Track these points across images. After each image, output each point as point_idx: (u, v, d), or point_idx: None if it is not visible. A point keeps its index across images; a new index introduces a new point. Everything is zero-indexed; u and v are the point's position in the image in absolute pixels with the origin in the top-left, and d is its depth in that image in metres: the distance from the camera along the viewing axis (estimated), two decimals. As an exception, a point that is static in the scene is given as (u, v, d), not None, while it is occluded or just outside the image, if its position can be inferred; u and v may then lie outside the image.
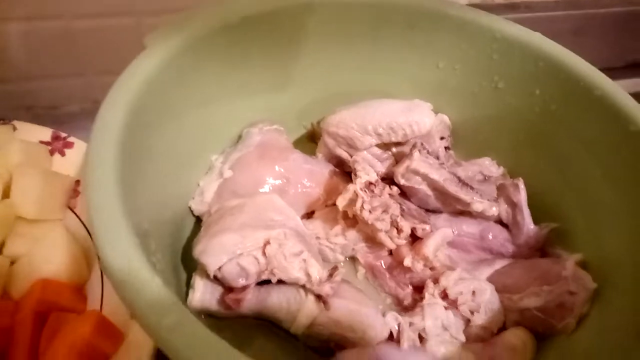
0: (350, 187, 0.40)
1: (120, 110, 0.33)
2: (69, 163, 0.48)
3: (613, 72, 0.43)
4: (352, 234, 0.43)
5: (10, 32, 0.52)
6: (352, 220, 0.42)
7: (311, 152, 0.49)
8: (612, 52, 0.73)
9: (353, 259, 0.45)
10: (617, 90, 0.41)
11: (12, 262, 0.41)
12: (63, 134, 0.49)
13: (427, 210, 0.45)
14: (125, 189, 0.30)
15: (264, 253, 0.37)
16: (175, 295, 0.26)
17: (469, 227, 0.44)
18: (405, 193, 0.45)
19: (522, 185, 0.43)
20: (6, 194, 0.43)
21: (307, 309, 0.37)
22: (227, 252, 0.36)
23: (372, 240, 0.42)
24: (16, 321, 0.37)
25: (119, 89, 0.34)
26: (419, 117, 0.43)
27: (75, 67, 0.57)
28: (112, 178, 0.29)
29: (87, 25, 0.54)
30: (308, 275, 0.37)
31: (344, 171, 0.47)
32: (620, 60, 0.75)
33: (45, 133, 0.48)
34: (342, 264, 0.44)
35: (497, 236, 0.44)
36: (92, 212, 0.28)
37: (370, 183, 0.40)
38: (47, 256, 0.41)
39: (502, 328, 0.39)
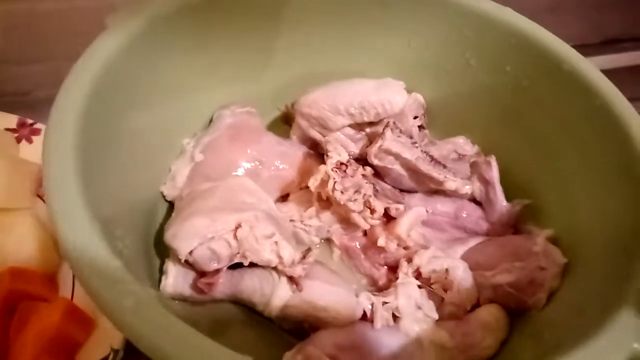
0: (322, 167, 0.40)
1: (79, 94, 0.32)
2: (36, 150, 0.46)
3: (589, 48, 0.43)
4: (327, 215, 0.42)
5: (-28, 16, 0.51)
6: (326, 202, 0.42)
7: (286, 135, 0.48)
8: (588, 29, 0.72)
9: (329, 241, 0.44)
10: (585, 64, 0.40)
11: (-20, 252, 0.40)
12: (30, 121, 0.47)
13: (402, 190, 0.45)
14: (85, 174, 0.29)
15: (235, 236, 0.36)
16: (136, 278, 0.25)
17: (443, 205, 0.44)
18: (379, 173, 0.44)
19: (494, 163, 0.43)
20: (-28, 184, 0.42)
21: (280, 291, 0.37)
22: (197, 236, 0.36)
23: (346, 221, 0.42)
24: (-16, 311, 0.37)
25: (78, 72, 0.33)
26: (391, 96, 0.43)
27: (42, 52, 0.56)
28: (71, 163, 0.29)
29: (53, 7, 0.53)
30: (280, 257, 0.37)
31: (319, 153, 0.47)
32: (597, 37, 0.75)
33: (11, 120, 0.47)
34: (317, 245, 0.44)
35: (471, 214, 0.44)
36: (50, 198, 0.27)
37: (342, 163, 0.40)
38: (16, 245, 0.40)
39: (476, 305, 0.39)
